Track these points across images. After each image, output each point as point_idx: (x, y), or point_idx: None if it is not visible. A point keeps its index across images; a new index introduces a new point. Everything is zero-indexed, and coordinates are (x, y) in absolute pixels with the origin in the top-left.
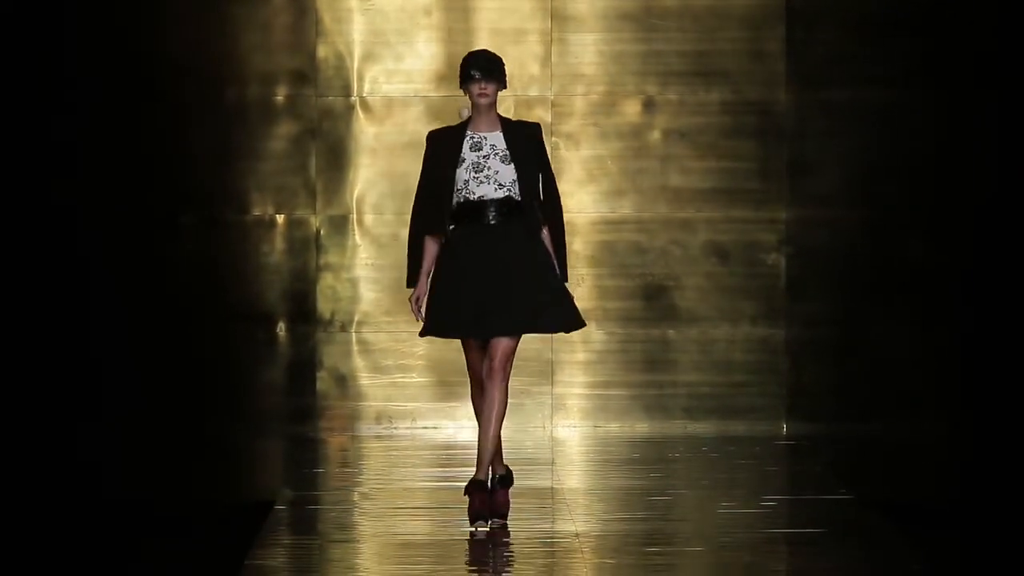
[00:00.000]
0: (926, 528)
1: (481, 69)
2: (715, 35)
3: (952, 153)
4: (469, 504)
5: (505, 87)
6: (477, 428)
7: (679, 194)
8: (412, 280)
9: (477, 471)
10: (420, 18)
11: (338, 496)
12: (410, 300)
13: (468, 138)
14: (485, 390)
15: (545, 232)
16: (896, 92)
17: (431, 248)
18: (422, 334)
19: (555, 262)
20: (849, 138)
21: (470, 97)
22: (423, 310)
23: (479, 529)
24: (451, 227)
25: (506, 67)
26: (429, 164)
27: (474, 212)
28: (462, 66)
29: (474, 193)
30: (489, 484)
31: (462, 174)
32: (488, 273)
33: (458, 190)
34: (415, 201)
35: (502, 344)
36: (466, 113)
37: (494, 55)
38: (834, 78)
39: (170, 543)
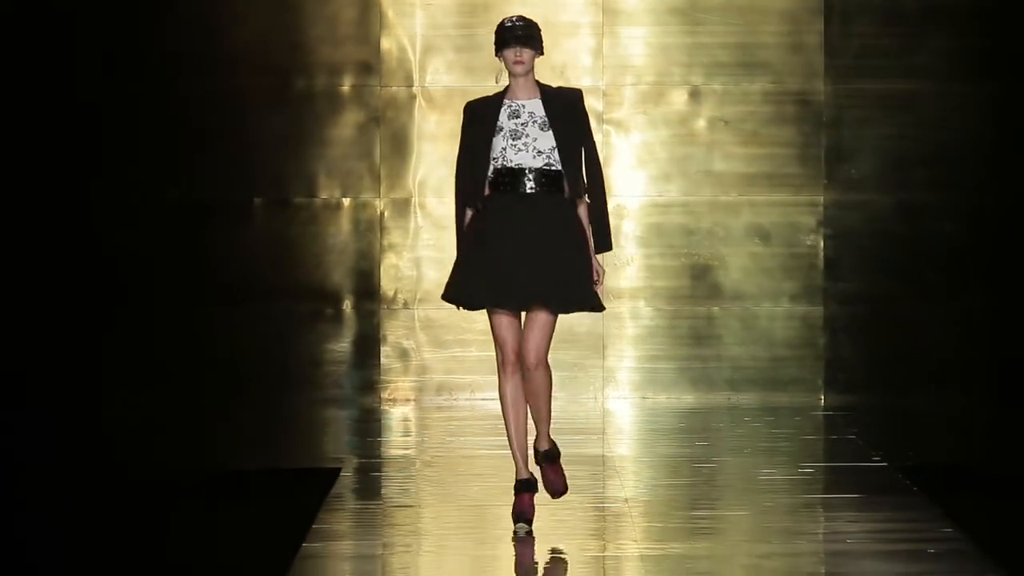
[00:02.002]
0: (956, 493)
1: (516, 36)
2: (757, 29)
3: (980, 140)
4: (514, 504)
5: (542, 53)
6: (505, 425)
7: (723, 179)
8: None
9: (520, 471)
10: (478, 12)
11: (401, 463)
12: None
13: (506, 106)
14: (525, 380)
15: (583, 203)
16: (927, 83)
17: (469, 213)
18: (444, 296)
19: (590, 236)
20: (883, 126)
21: (506, 64)
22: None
23: (520, 530)
24: (487, 194)
25: (542, 33)
26: (467, 135)
27: (512, 179)
28: (497, 32)
29: (512, 160)
30: (537, 463)
31: (499, 142)
32: (521, 244)
33: (495, 158)
34: (456, 173)
35: (536, 335)
36: (503, 79)
37: (530, 20)
38: (869, 70)
39: (243, 507)
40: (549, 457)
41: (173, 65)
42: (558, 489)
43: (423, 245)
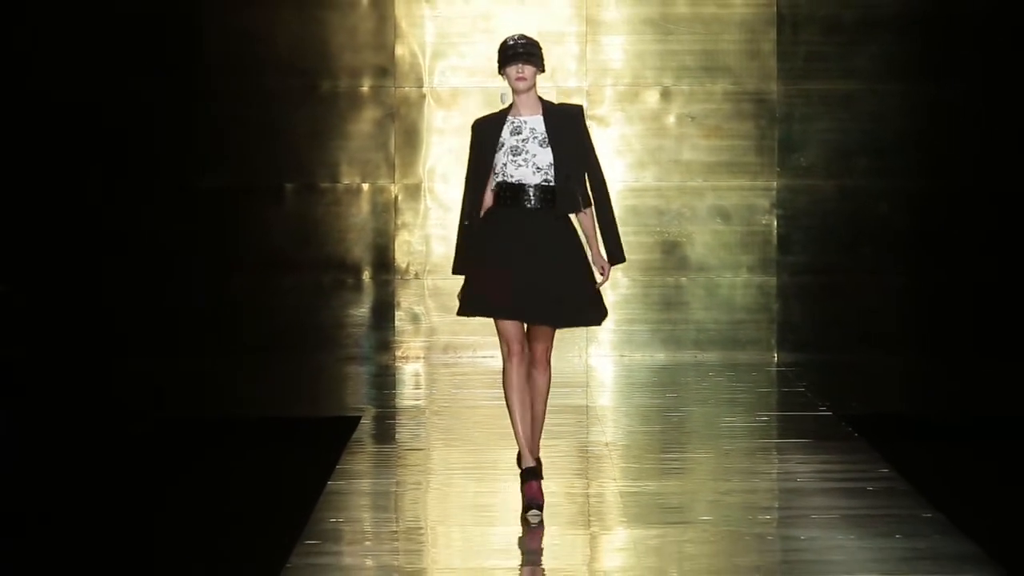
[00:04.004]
0: (892, 438)
1: (519, 53)
2: (719, 37)
3: (910, 133)
4: (524, 491)
5: (543, 70)
6: (510, 413)
7: (690, 166)
8: (459, 268)
9: (526, 458)
10: (479, 22)
11: (412, 412)
12: (459, 296)
13: (509, 123)
14: (531, 376)
15: (585, 214)
16: (864, 84)
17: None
18: (460, 313)
19: (587, 246)
20: (827, 121)
21: (508, 81)
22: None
23: (533, 518)
24: (491, 206)
25: (543, 51)
26: (473, 152)
27: (512, 195)
28: (500, 50)
29: (512, 176)
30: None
31: (500, 157)
32: (523, 258)
33: (496, 173)
34: (464, 190)
35: (543, 337)
36: (508, 98)
37: (531, 39)
38: (815, 73)
39: (277, 451)
40: (537, 475)
41: (218, 68)
42: (537, 502)
43: (432, 224)
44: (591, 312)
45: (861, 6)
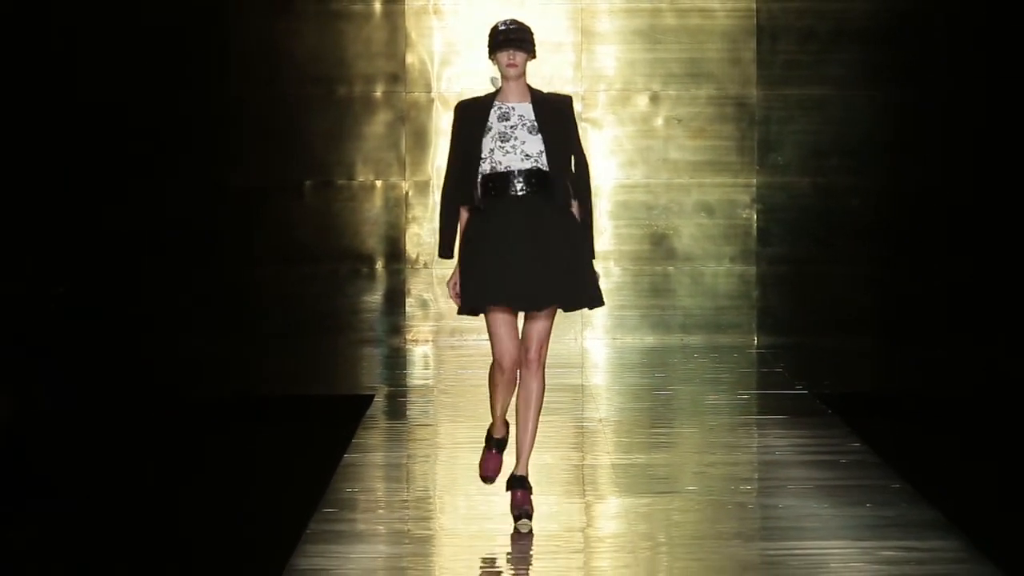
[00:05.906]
0: (863, 415)
1: (510, 39)
2: (703, 46)
3: (878, 134)
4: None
5: (534, 56)
6: (491, 393)
7: (677, 165)
8: (445, 250)
9: (498, 428)
10: (484, 32)
11: (422, 391)
12: (448, 285)
13: (496, 108)
14: (522, 379)
15: (574, 204)
16: (836, 90)
17: (463, 218)
18: (461, 312)
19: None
20: (802, 124)
21: (499, 67)
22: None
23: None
24: (478, 197)
25: (535, 36)
26: (457, 135)
27: (500, 182)
28: (490, 35)
29: (500, 163)
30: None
31: (488, 143)
32: (517, 246)
33: (483, 159)
34: (446, 172)
35: (538, 329)
36: (499, 82)
37: (523, 24)
38: (791, 79)
39: (297, 426)
40: (525, 485)
41: (244, 76)
42: (526, 511)
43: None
44: (586, 295)
45: (834, 18)
